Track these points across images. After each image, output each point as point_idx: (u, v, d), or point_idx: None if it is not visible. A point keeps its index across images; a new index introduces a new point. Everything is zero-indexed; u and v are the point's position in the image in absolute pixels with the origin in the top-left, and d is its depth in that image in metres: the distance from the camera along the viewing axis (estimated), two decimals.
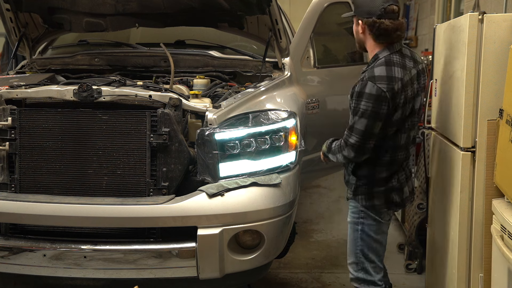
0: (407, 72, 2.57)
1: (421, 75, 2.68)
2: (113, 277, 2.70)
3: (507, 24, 2.62)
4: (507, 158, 2.41)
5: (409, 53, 2.68)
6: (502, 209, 2.44)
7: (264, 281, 3.75)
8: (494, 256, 2.51)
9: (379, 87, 2.48)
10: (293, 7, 7.85)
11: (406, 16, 8.67)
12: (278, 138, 2.84)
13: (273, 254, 2.90)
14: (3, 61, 6.05)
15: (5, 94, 2.92)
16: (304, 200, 5.69)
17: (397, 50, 2.60)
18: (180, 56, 3.64)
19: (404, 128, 2.62)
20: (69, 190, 2.78)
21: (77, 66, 3.78)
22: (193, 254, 2.66)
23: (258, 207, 2.71)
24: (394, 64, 2.55)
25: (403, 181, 2.69)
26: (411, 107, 2.60)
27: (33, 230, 2.78)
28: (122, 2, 3.46)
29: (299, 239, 4.55)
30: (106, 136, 2.78)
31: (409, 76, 2.58)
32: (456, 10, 6.23)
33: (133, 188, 2.77)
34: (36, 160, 2.80)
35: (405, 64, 2.59)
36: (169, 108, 2.78)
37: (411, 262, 4.01)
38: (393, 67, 2.54)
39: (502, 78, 2.57)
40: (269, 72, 3.56)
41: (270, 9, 3.29)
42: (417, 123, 2.73)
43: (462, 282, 2.85)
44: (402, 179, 2.69)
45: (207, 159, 2.73)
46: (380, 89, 2.48)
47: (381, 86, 2.48)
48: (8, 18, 3.58)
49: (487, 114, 2.68)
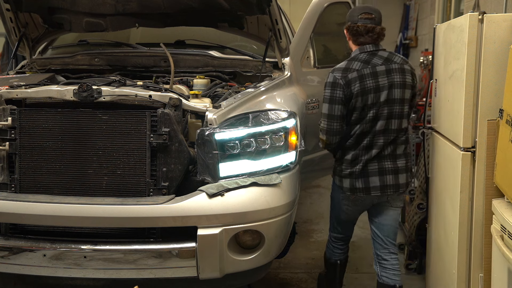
0: (368, 66, 2.97)
1: (394, 73, 2.98)
2: (113, 277, 2.70)
3: (507, 24, 2.62)
4: (507, 158, 2.41)
5: (387, 55, 3.04)
6: (502, 209, 2.44)
7: (264, 281, 3.75)
8: (494, 256, 2.51)
9: (334, 75, 2.98)
10: (293, 7, 7.85)
11: (406, 16, 8.67)
12: (278, 138, 2.84)
13: (273, 254, 2.90)
14: (3, 61, 6.05)
15: (5, 94, 2.92)
16: (304, 200, 5.70)
17: (368, 51, 3.03)
18: (180, 56, 3.64)
19: (368, 117, 2.95)
20: (69, 190, 2.78)
21: (77, 66, 3.78)
22: (193, 254, 2.66)
23: (258, 207, 2.71)
24: (356, 59, 3.01)
25: (371, 171, 2.99)
26: (374, 97, 2.94)
27: (33, 230, 2.78)
28: (122, 2, 3.46)
29: (299, 239, 4.55)
30: (106, 136, 2.78)
31: (371, 70, 2.96)
32: (456, 10, 6.23)
33: (133, 188, 2.77)
34: (36, 160, 2.80)
35: (370, 60, 2.99)
36: (169, 108, 2.78)
37: (411, 262, 4.01)
38: (353, 61, 3.01)
39: (502, 78, 2.57)
40: (269, 72, 3.56)
41: (270, 9, 3.29)
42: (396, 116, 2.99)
43: (462, 282, 2.85)
44: (371, 169, 2.99)
45: (207, 159, 2.73)
46: (335, 77, 2.97)
47: (336, 75, 2.98)
48: (8, 18, 3.58)
49: (487, 114, 2.68)
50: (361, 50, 3.05)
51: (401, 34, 8.66)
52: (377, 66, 2.98)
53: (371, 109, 2.95)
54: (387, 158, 3.00)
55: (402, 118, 3.01)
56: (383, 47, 3.09)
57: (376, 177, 2.99)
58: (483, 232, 2.73)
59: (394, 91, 2.96)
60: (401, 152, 3.05)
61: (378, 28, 3.02)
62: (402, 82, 2.99)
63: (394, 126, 2.99)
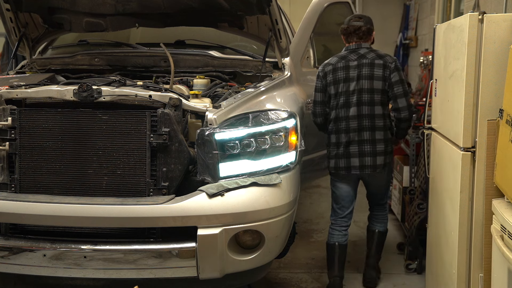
0: (342, 61, 3.52)
1: (363, 67, 3.47)
2: (113, 277, 2.70)
3: (507, 24, 2.61)
4: (507, 158, 2.41)
5: (364, 52, 3.53)
6: (502, 209, 2.43)
7: (264, 281, 3.75)
8: (494, 256, 2.51)
9: (319, 69, 3.63)
10: (293, 7, 7.85)
11: (406, 16, 8.66)
12: (278, 138, 2.85)
13: (273, 254, 2.90)
14: (3, 61, 6.05)
15: (5, 94, 2.92)
16: (304, 200, 5.70)
17: (350, 49, 3.58)
18: (180, 56, 3.64)
19: (340, 102, 3.50)
20: (69, 190, 2.78)
21: (77, 66, 3.78)
22: (193, 254, 2.66)
23: (258, 207, 2.71)
24: (336, 56, 3.59)
25: (352, 152, 3.49)
26: (344, 86, 3.49)
27: (33, 230, 2.78)
28: (122, 2, 3.46)
29: (299, 239, 4.55)
30: (106, 136, 2.78)
31: (344, 64, 3.51)
32: (456, 10, 6.22)
33: (133, 188, 2.77)
34: (36, 160, 2.80)
35: (347, 56, 3.54)
36: (169, 108, 2.78)
37: (411, 262, 4.01)
38: (333, 57, 3.59)
39: (502, 78, 2.57)
40: (269, 72, 3.56)
41: (270, 9, 3.29)
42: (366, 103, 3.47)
43: (462, 282, 2.85)
44: (352, 150, 3.49)
45: (207, 159, 2.73)
46: (318, 70, 3.63)
47: (319, 69, 3.62)
48: (8, 18, 3.58)
49: (487, 114, 2.68)
50: (345, 48, 3.61)
51: (401, 34, 8.65)
52: (350, 61, 3.51)
53: (341, 96, 3.49)
54: (367, 143, 3.47)
55: (373, 105, 3.46)
56: (369, 46, 3.58)
57: (356, 158, 3.49)
58: (483, 232, 2.73)
59: (362, 82, 3.46)
60: (381, 137, 3.49)
61: (364, 27, 3.54)
62: (370, 74, 3.46)
63: (366, 112, 3.46)
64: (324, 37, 4.47)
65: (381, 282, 3.86)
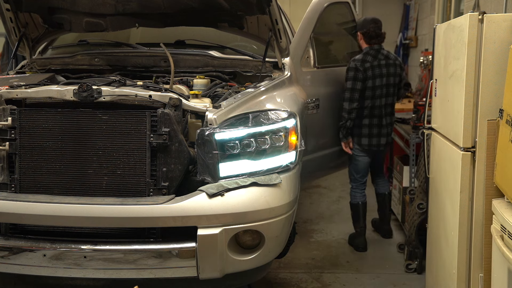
0: (376, 59, 4.30)
1: (391, 66, 4.36)
2: (113, 277, 2.70)
3: (507, 24, 2.61)
4: (507, 158, 2.41)
5: (386, 53, 4.39)
6: (502, 209, 2.44)
7: (264, 281, 3.76)
8: (494, 256, 2.51)
9: (355, 64, 4.25)
10: (293, 7, 7.86)
11: (406, 16, 8.66)
12: (278, 138, 2.85)
13: (273, 254, 2.90)
14: (3, 61, 6.04)
15: (5, 94, 2.92)
16: (304, 200, 5.70)
17: (375, 49, 4.34)
18: (180, 56, 3.64)
19: (376, 94, 4.30)
20: (69, 190, 2.78)
21: (77, 66, 3.78)
22: (193, 254, 2.66)
23: (258, 207, 2.71)
24: (368, 54, 4.31)
25: (373, 133, 4.35)
26: (378, 81, 4.28)
27: (33, 230, 2.78)
28: (122, 2, 3.46)
29: (299, 239, 4.55)
30: (106, 136, 2.78)
31: (377, 63, 4.30)
32: (456, 10, 6.22)
33: (133, 188, 2.77)
34: (36, 160, 2.80)
35: (376, 56, 4.32)
36: (169, 108, 2.78)
37: (411, 262, 4.01)
38: (367, 55, 4.30)
39: (502, 78, 2.57)
40: (269, 72, 3.56)
41: (270, 9, 3.29)
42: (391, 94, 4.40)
43: (462, 282, 2.85)
44: (373, 132, 4.35)
45: (207, 159, 2.73)
46: (356, 65, 4.24)
47: (357, 63, 4.24)
48: (8, 18, 3.58)
49: (487, 114, 2.68)
50: (370, 48, 4.34)
51: (401, 34, 8.66)
52: (381, 61, 4.32)
53: (377, 89, 4.29)
54: (384, 127, 4.38)
55: (393, 96, 4.43)
56: (383, 47, 4.39)
57: (384, 137, 4.40)
58: (483, 232, 2.73)
59: (390, 78, 4.35)
60: (390, 121, 4.44)
61: (383, 33, 4.40)
62: (394, 72, 4.38)
63: (389, 102, 4.40)
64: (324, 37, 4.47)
65: (381, 282, 3.86)
